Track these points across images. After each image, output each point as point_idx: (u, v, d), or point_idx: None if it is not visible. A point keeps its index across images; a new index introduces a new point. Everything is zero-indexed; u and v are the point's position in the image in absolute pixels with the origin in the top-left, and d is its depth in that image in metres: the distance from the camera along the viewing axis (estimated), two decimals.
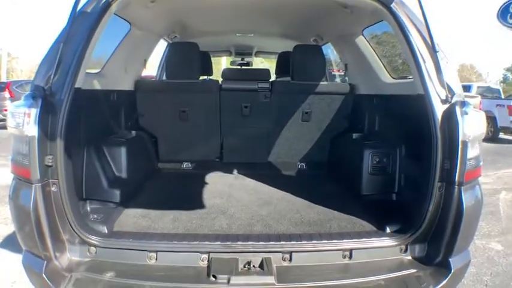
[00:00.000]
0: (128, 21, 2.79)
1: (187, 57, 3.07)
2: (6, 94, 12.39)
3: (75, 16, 1.84)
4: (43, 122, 1.70)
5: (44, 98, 1.72)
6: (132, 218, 2.21)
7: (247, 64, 5.67)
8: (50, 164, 1.74)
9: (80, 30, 1.88)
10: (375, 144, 2.72)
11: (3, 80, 21.40)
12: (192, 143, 3.37)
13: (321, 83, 3.21)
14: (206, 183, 2.96)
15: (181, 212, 2.28)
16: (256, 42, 4.93)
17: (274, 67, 4.55)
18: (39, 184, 1.71)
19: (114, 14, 2.13)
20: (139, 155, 2.92)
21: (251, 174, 3.16)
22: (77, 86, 1.86)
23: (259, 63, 6.22)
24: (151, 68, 4.78)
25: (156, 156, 3.35)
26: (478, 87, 14.85)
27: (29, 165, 1.70)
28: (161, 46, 3.89)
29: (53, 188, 1.77)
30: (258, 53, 5.48)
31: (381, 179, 2.61)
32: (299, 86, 3.18)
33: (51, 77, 1.77)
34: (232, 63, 5.77)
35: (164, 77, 3.44)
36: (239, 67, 5.54)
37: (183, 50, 3.13)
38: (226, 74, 3.42)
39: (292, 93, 3.24)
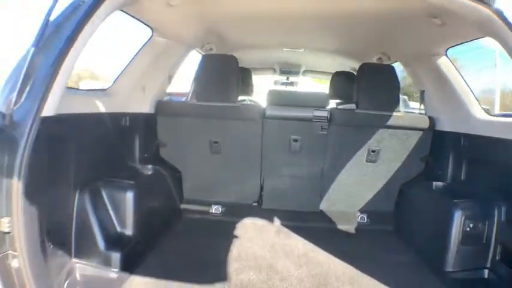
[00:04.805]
0: (148, 26, 2.24)
1: (224, 74, 2.50)
2: None
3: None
4: None
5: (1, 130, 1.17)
6: None
7: (292, 84, 5.00)
8: (6, 230, 1.17)
9: (62, 30, 1.31)
10: (470, 204, 1.96)
11: None
12: (225, 181, 2.73)
13: (395, 113, 2.50)
14: (239, 241, 2.27)
15: None
16: (306, 60, 4.25)
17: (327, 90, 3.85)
18: None
19: (123, 11, 1.60)
20: (155, 199, 2.31)
21: (298, 228, 2.44)
22: (58, 110, 1.30)
23: (306, 83, 5.51)
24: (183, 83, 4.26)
25: (179, 195, 2.73)
26: None
27: None
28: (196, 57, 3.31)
29: (14, 263, 1.18)
30: (306, 72, 4.79)
31: (473, 251, 1.94)
32: (367, 116, 2.50)
33: (13, 100, 1.20)
34: (276, 82, 5.11)
35: (194, 98, 2.84)
36: (286, 88, 4.90)
37: (219, 65, 2.55)
38: (273, 98, 2.71)
39: (357, 125, 2.54)
